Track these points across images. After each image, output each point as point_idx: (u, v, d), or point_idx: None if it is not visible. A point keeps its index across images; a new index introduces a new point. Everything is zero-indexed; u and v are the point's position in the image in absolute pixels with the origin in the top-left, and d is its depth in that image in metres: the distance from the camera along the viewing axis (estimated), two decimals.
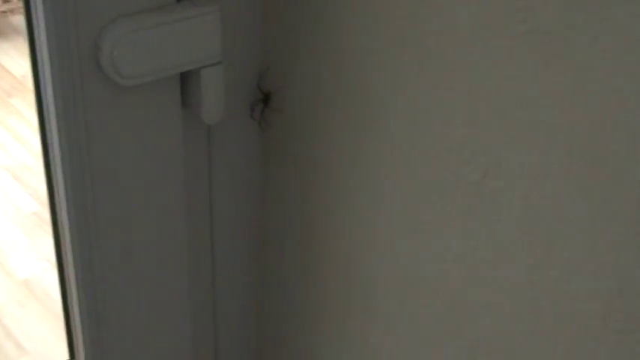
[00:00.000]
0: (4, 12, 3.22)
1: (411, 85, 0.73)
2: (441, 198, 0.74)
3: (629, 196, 0.60)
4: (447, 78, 0.70)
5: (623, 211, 0.61)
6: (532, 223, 0.68)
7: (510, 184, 0.68)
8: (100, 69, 0.74)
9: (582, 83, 0.60)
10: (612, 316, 0.65)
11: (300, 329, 1.00)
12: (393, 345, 0.87)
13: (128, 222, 0.84)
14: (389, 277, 0.84)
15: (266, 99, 0.89)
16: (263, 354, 1.08)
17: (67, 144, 0.77)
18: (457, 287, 0.76)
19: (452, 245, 0.75)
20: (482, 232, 0.72)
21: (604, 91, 0.59)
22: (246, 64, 0.87)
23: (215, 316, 1.01)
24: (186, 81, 0.81)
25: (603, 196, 0.62)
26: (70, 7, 0.71)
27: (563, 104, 0.62)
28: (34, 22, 0.74)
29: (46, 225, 2.30)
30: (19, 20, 3.22)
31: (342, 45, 0.78)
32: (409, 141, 0.75)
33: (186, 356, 0.98)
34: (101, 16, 0.73)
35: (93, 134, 0.77)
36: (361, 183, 0.82)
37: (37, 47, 0.76)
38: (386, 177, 0.79)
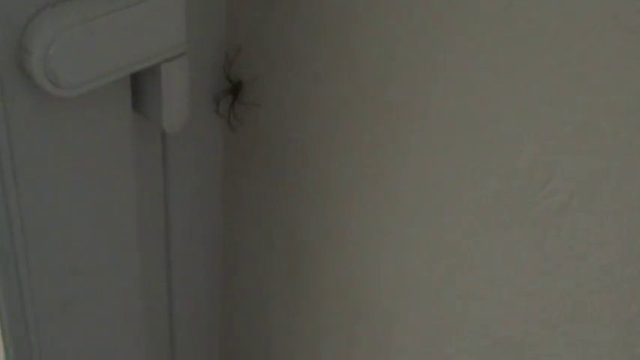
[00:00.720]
0: None
1: (452, 75, 0.55)
2: (497, 226, 0.58)
3: None
4: (506, 75, 0.52)
5: None
6: (627, 269, 0.52)
7: (601, 216, 0.52)
8: (28, 78, 0.53)
9: None
10: None
11: None
12: None
13: (70, 265, 0.64)
14: (411, 316, 0.67)
15: (236, 90, 0.69)
16: None
17: None
18: (515, 339, 0.61)
19: (511, 286, 0.59)
20: (557, 275, 0.56)
21: None
22: (209, 47, 0.67)
23: (173, 351, 0.83)
24: (140, 81, 0.61)
25: None
26: None
27: None
28: None
29: None
30: None
31: (341, 16, 0.60)
32: (444, 147, 0.58)
33: None
34: (26, 4, 0.52)
35: (20, 161, 0.57)
36: (371, 199, 0.65)
37: None
38: (411, 195, 0.62)
